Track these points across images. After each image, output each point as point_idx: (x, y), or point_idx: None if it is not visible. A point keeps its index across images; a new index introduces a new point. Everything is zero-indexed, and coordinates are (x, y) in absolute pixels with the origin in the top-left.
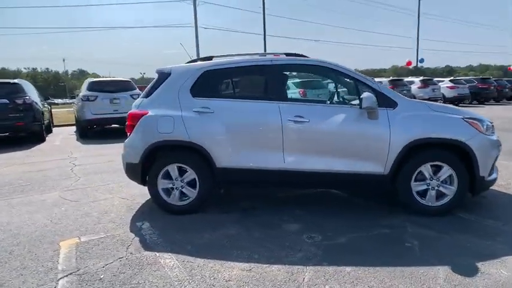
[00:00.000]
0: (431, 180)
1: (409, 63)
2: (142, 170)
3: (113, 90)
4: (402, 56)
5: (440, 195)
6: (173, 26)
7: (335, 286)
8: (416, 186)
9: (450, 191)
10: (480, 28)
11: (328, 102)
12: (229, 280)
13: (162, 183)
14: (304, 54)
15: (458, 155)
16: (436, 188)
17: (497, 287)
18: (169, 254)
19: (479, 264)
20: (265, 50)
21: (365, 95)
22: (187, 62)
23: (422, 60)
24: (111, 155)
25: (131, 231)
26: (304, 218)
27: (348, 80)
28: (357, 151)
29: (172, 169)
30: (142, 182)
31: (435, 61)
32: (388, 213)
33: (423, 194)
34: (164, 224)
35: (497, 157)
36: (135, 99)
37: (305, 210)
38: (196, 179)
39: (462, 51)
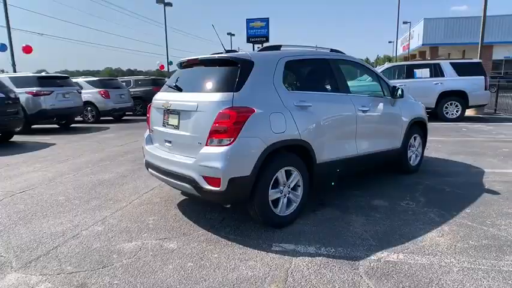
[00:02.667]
0: (414, 147)
1: (161, 66)
2: (255, 183)
3: None
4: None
5: (417, 156)
6: None
7: None
8: (410, 153)
9: (419, 152)
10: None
11: (367, 94)
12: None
13: (271, 194)
14: None
15: (423, 128)
16: (416, 151)
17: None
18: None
19: None
20: None
21: (399, 90)
22: (227, 51)
23: (171, 63)
24: None
25: None
26: (369, 195)
27: (373, 76)
28: (389, 132)
29: (281, 174)
30: (250, 200)
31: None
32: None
33: (410, 157)
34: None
35: None
36: None
37: (363, 191)
38: (300, 181)
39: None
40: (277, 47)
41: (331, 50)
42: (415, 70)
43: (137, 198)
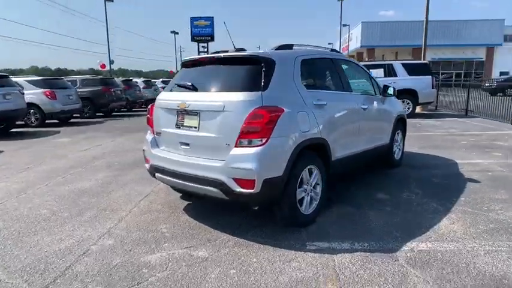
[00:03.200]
0: (398, 142)
1: (102, 65)
2: (286, 183)
3: None
4: (97, 59)
5: (399, 150)
6: None
7: None
8: (394, 147)
9: (401, 146)
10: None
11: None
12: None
13: (298, 193)
14: None
15: (403, 124)
16: (399, 146)
17: None
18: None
19: None
20: None
21: (390, 89)
22: (237, 50)
23: (112, 62)
24: None
25: None
26: (370, 190)
27: (365, 76)
28: (383, 128)
29: (305, 173)
30: (280, 201)
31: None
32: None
33: (395, 152)
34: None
35: None
36: None
37: (365, 186)
38: (319, 179)
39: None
40: (289, 46)
41: (331, 50)
42: (371, 70)
43: (135, 207)
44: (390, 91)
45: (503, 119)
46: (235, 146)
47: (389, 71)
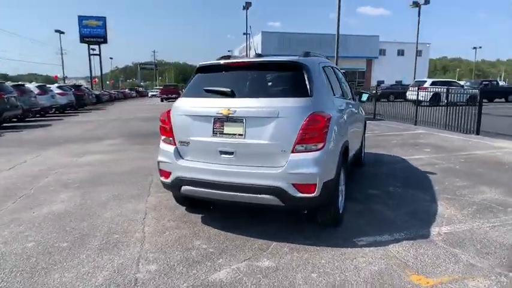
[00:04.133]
0: (363, 143)
1: None
2: (336, 186)
3: None
4: None
5: (363, 151)
6: None
7: None
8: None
9: (363, 147)
10: None
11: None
12: None
13: (339, 194)
14: None
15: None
16: (363, 147)
17: None
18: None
19: None
20: None
21: (365, 96)
22: (257, 55)
23: None
24: None
25: None
26: (362, 187)
27: (346, 83)
28: (361, 131)
29: (342, 174)
30: (332, 201)
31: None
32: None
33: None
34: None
35: None
36: None
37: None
38: (343, 179)
39: None
40: (307, 54)
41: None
42: None
43: (145, 226)
44: (364, 98)
45: (405, 120)
46: (292, 152)
47: None
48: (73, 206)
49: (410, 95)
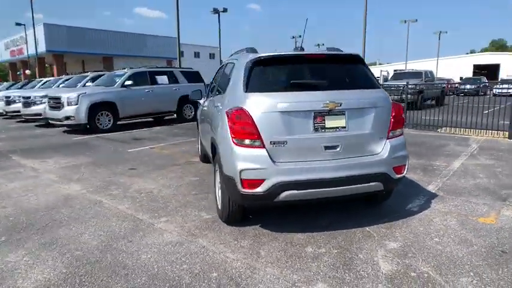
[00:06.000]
0: None
1: None
2: None
3: None
4: None
5: None
6: None
7: None
8: None
9: None
10: None
11: None
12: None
13: None
14: None
15: None
16: None
17: None
18: None
19: None
20: None
21: None
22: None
23: None
24: None
25: None
26: None
27: None
28: None
29: None
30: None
31: None
32: None
33: None
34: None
35: None
36: None
37: None
38: None
39: None
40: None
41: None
42: (156, 76)
43: (190, 244)
44: None
45: None
46: (388, 138)
47: (173, 78)
48: (106, 241)
49: None
